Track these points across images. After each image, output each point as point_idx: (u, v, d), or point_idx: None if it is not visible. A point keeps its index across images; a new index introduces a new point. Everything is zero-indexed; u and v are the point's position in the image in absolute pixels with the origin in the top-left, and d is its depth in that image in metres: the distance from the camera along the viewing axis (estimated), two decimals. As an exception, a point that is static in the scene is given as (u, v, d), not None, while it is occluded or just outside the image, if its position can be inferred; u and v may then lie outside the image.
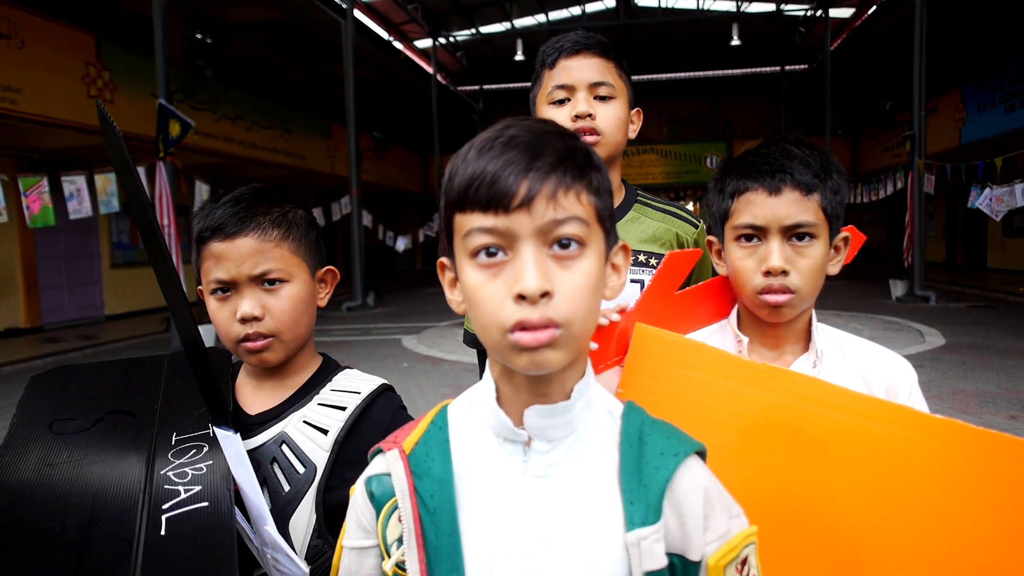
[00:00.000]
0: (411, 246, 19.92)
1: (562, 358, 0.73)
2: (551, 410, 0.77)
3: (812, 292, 1.16)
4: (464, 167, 0.75)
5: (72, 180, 8.87)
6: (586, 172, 0.75)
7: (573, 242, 0.73)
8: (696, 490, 0.78)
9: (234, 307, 1.12)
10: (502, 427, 0.79)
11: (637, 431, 0.80)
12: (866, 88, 23.41)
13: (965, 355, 8.07)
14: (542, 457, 0.78)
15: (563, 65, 1.53)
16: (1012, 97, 14.00)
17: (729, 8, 20.04)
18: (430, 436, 0.83)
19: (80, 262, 13.13)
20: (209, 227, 1.13)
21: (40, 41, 9.59)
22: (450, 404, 0.87)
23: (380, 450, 0.84)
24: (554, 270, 0.72)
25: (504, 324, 0.71)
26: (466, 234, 0.74)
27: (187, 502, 1.02)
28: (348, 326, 12.18)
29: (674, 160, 23.70)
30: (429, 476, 0.79)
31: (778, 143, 1.20)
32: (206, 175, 11.72)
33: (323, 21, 15.73)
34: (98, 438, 1.11)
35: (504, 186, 0.71)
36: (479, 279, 0.73)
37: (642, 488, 0.76)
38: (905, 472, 0.97)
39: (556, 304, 0.71)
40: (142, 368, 1.26)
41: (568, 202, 0.72)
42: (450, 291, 0.83)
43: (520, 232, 0.71)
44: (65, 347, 10.22)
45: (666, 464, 0.77)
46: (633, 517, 0.75)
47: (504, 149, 0.73)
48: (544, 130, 0.76)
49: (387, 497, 0.81)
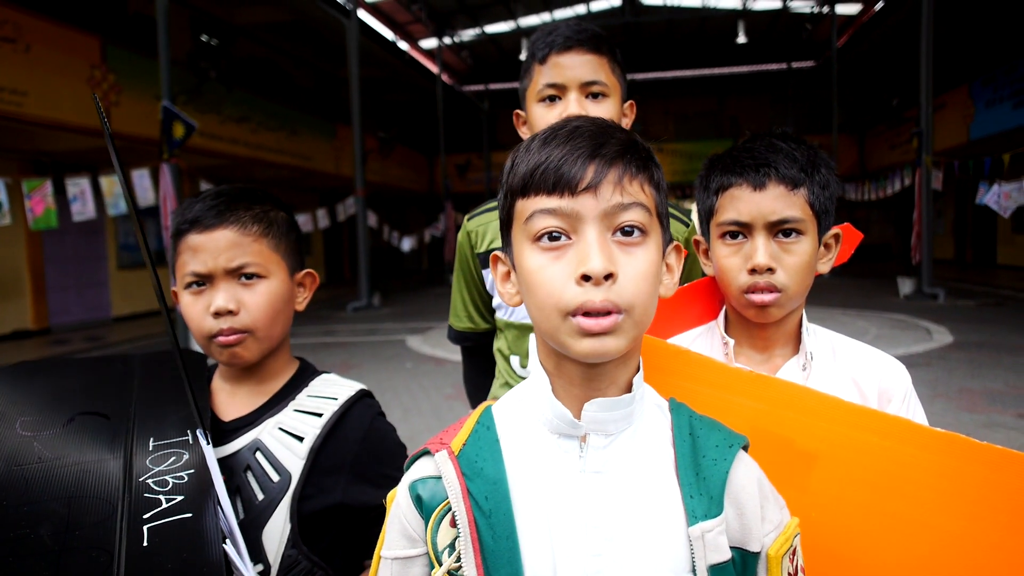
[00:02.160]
0: (417, 246, 19.93)
1: (622, 345, 0.72)
2: (613, 403, 0.76)
3: (800, 291, 1.12)
4: (528, 156, 0.76)
5: (76, 182, 8.90)
6: (648, 165, 0.77)
7: (636, 230, 0.74)
8: (752, 481, 0.79)
9: (208, 301, 1.10)
10: (560, 421, 0.77)
11: (687, 425, 0.81)
12: (873, 85, 23.24)
13: (973, 353, 7.99)
14: (599, 452, 0.77)
15: (554, 62, 1.48)
16: (1021, 93, 13.87)
17: (735, 5, 19.94)
18: (478, 436, 0.81)
19: (87, 264, 13.18)
20: (187, 220, 1.12)
21: (46, 44, 9.62)
22: (493, 404, 0.85)
23: (426, 451, 0.81)
24: (618, 255, 0.72)
25: (566, 306, 0.71)
26: (529, 217, 0.74)
27: (169, 512, 0.97)
28: (353, 326, 12.18)
29: (680, 158, 23.60)
30: (481, 477, 0.77)
31: (764, 137, 1.16)
32: (211, 177, 11.75)
33: (328, 22, 15.74)
34: (71, 439, 1.07)
35: (571, 170, 0.72)
36: (541, 261, 0.74)
37: (701, 481, 0.76)
38: (901, 488, 0.92)
39: (619, 287, 0.71)
40: (112, 368, 1.22)
41: (633, 189, 0.74)
42: (502, 284, 0.82)
43: (585, 215, 0.72)
44: (72, 348, 10.25)
45: (723, 456, 0.78)
46: (695, 511, 0.75)
47: (570, 137, 0.75)
48: (607, 124, 0.79)
49: (437, 501, 0.78)
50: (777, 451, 0.97)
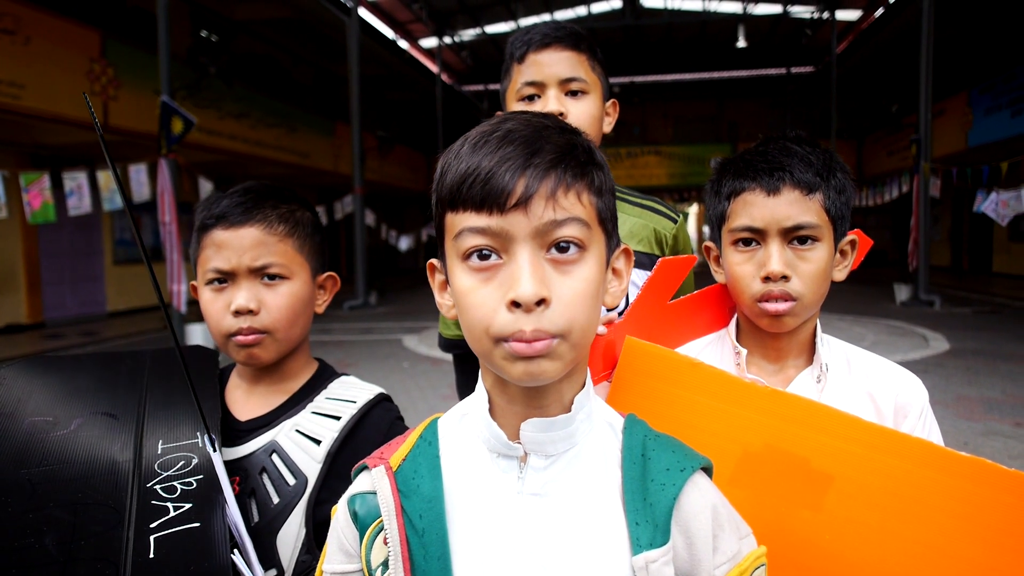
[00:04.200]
0: (414, 245, 19.89)
1: (559, 369, 0.68)
2: (550, 423, 0.72)
3: (815, 300, 1.09)
4: (457, 163, 0.70)
5: (73, 176, 8.84)
6: (588, 170, 0.70)
7: (572, 245, 0.68)
8: (704, 509, 0.73)
9: (229, 299, 1.09)
10: (496, 441, 0.74)
11: (640, 446, 0.75)
12: (872, 91, 23.28)
13: (970, 361, 7.99)
14: (539, 474, 0.73)
15: (532, 60, 1.45)
16: (1019, 101, 13.91)
17: (735, 10, 19.95)
18: (419, 451, 0.78)
19: (83, 258, 13.13)
20: (213, 215, 1.10)
21: (45, 37, 9.57)
22: (441, 417, 0.83)
23: (365, 467, 0.80)
24: (552, 275, 0.67)
25: (496, 333, 0.66)
26: (457, 234, 0.69)
27: (177, 521, 0.95)
28: (349, 325, 12.15)
29: (679, 162, 23.61)
30: (417, 494, 0.75)
31: (777, 140, 1.13)
32: (209, 172, 11.70)
33: (329, 19, 15.71)
34: (79, 441, 1.04)
35: (499, 184, 0.66)
36: (470, 283, 0.69)
37: (647, 507, 0.71)
38: (921, 513, 0.87)
39: (553, 313, 0.66)
40: (123, 365, 1.19)
41: (568, 202, 0.68)
42: (440, 295, 0.78)
43: (516, 234, 0.66)
44: (67, 343, 10.20)
45: (672, 481, 0.72)
46: (639, 539, 0.70)
47: (500, 144, 0.68)
48: (543, 124, 0.71)
49: (372, 518, 0.76)
50: (792, 470, 0.94)
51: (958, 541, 0.86)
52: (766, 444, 0.96)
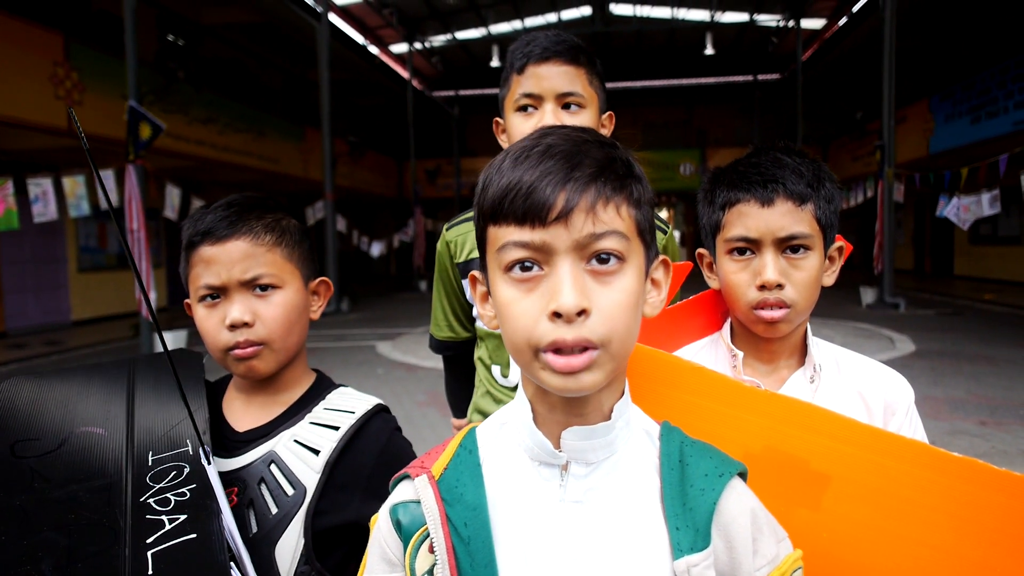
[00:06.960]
0: (386, 251, 19.80)
1: (599, 379, 0.70)
2: (591, 431, 0.74)
3: (808, 305, 1.13)
4: (499, 177, 0.72)
5: (38, 183, 8.66)
6: (627, 183, 0.72)
7: (612, 257, 0.70)
8: (744, 513, 0.75)
9: (223, 314, 1.08)
10: (539, 449, 0.75)
11: (677, 452, 0.77)
12: (837, 98, 23.75)
13: (935, 361, 8.19)
14: (580, 481, 0.74)
15: (531, 72, 1.47)
16: (978, 108, 14.29)
17: (703, 17, 20.23)
18: (460, 460, 0.79)
19: (46, 266, 12.82)
20: (199, 231, 1.09)
21: (5, 40, 9.35)
22: (478, 426, 0.84)
23: (406, 476, 0.80)
24: (592, 286, 0.69)
25: (537, 343, 0.68)
26: (500, 248, 0.71)
27: (173, 534, 0.93)
28: (322, 331, 12.03)
29: (649, 167, 23.83)
30: (461, 503, 0.75)
31: (768, 151, 1.16)
32: (178, 178, 11.52)
33: (298, 24, 15.59)
34: (66, 461, 1.01)
35: (541, 198, 0.68)
36: (512, 294, 0.70)
37: (687, 512, 0.73)
38: (917, 512, 0.90)
39: (593, 323, 0.67)
40: (105, 375, 1.17)
41: (608, 215, 0.69)
42: (481, 306, 0.79)
43: (557, 247, 0.68)
44: (30, 353, 9.96)
45: (712, 486, 0.74)
46: (680, 544, 0.72)
47: (541, 158, 0.70)
48: (583, 139, 0.73)
49: (416, 526, 0.77)
50: (790, 472, 0.96)
51: (953, 540, 0.88)
52: (766, 446, 0.98)
